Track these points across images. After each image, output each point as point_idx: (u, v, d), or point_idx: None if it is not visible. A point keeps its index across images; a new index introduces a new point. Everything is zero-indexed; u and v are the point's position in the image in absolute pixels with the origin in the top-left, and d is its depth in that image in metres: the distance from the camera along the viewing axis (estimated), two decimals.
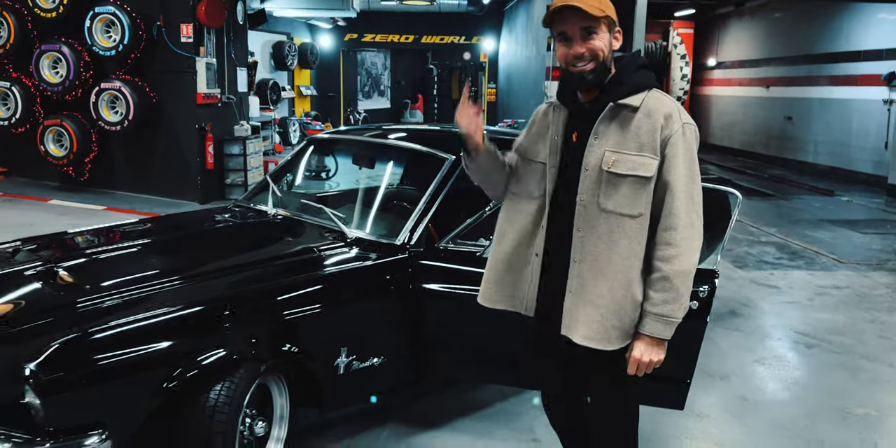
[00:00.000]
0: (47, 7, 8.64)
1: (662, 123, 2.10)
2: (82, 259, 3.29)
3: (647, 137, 2.10)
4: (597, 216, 2.14)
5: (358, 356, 3.04)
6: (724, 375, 4.23)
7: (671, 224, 2.10)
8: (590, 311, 2.15)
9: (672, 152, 2.10)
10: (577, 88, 2.20)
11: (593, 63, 2.12)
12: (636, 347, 2.15)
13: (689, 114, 2.24)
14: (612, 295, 2.14)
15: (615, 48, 2.17)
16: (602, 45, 2.12)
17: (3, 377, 2.38)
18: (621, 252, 2.13)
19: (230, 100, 9.28)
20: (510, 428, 3.51)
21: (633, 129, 2.11)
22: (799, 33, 14.26)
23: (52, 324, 2.57)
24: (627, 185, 2.10)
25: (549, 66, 11.05)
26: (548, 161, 2.24)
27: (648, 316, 2.13)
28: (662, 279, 2.10)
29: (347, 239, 3.40)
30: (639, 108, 2.12)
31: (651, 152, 2.10)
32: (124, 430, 2.45)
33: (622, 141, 2.12)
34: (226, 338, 2.67)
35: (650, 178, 2.10)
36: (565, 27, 2.12)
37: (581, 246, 2.17)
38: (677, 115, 2.12)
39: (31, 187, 9.37)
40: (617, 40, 2.17)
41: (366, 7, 15.87)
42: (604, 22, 2.11)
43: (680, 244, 2.09)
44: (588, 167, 2.15)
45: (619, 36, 2.17)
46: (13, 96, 9.04)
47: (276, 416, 2.91)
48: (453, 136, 2.33)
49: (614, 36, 2.16)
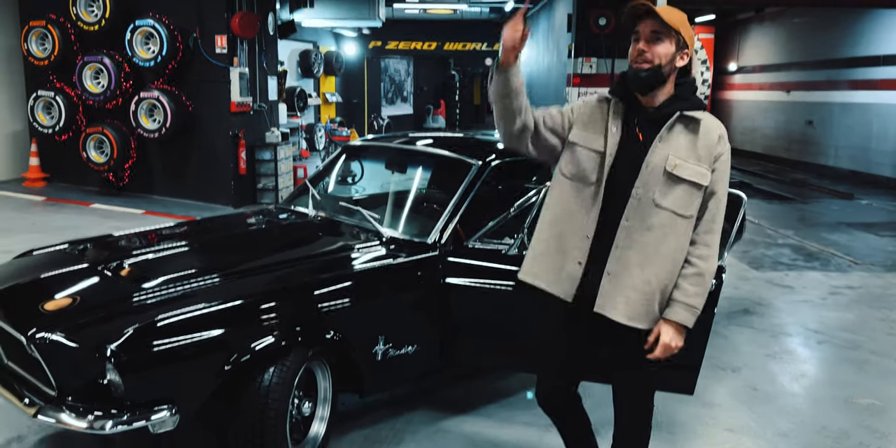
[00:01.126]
0: (90, 21, 9.06)
1: (716, 141, 2.42)
2: (141, 257, 3.60)
3: (705, 151, 2.40)
4: (649, 210, 2.38)
5: (394, 344, 3.33)
6: (736, 368, 4.46)
7: (712, 228, 2.43)
8: (631, 295, 2.40)
9: (721, 167, 2.42)
10: (633, 86, 2.42)
11: (649, 65, 2.36)
12: (665, 332, 2.41)
13: None
14: (657, 282, 2.40)
15: (678, 65, 2.41)
16: (664, 52, 2.35)
17: (85, 359, 2.69)
18: (670, 245, 2.40)
19: (262, 108, 9.64)
20: (532, 414, 3.77)
21: (694, 141, 2.40)
22: (819, 38, 14.39)
23: (123, 312, 2.88)
24: (683, 189, 2.38)
25: (570, 72, 11.29)
26: (606, 151, 2.44)
27: (679, 305, 2.40)
28: (697, 274, 2.41)
29: (382, 238, 3.70)
30: (700, 123, 2.42)
31: (707, 164, 2.40)
32: (190, 406, 2.75)
33: (684, 149, 2.39)
34: (275, 326, 2.96)
35: (704, 187, 2.40)
36: (640, 26, 2.37)
37: (626, 234, 2.41)
38: (726, 137, 2.46)
39: (73, 192, 9.78)
40: (682, 59, 2.41)
41: (390, 15, 16.22)
42: (673, 35, 2.36)
43: (714, 246, 2.43)
44: (650, 165, 2.39)
45: (686, 57, 2.41)
46: (57, 105, 9.47)
47: (320, 397, 3.21)
48: (478, 143, 2.59)
49: (680, 55, 2.40)
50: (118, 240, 4.00)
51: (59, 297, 3.12)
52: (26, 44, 9.49)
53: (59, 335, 2.75)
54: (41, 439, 3.39)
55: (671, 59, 2.37)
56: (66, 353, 2.73)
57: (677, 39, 2.37)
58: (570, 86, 11.29)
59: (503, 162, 3.99)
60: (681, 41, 2.38)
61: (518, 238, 3.43)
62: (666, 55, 2.36)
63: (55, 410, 2.69)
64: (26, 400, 2.81)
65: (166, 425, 2.68)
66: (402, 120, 21.43)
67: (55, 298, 3.11)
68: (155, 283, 3.11)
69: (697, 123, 2.42)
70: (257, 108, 9.55)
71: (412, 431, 3.57)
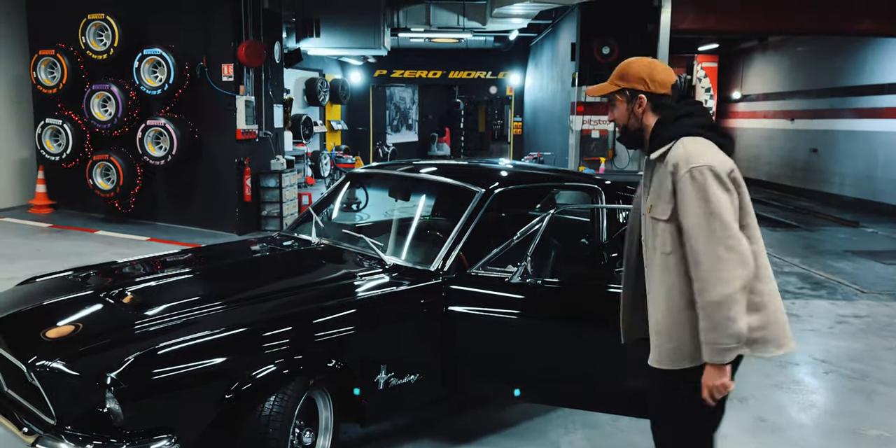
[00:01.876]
0: (99, 49, 9.18)
1: (672, 170, 2.36)
2: (144, 285, 3.60)
3: (667, 184, 2.39)
4: (652, 255, 2.48)
5: (396, 373, 3.31)
6: (743, 398, 4.41)
7: (696, 261, 2.31)
8: (653, 338, 2.48)
9: (681, 197, 2.34)
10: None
11: (618, 128, 2.59)
12: (704, 373, 2.35)
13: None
14: (664, 322, 2.44)
15: (639, 113, 2.50)
16: (619, 114, 2.55)
17: (85, 387, 2.67)
18: (663, 284, 2.43)
19: (267, 135, 9.71)
20: (536, 444, 3.73)
21: (659, 178, 2.43)
22: (822, 67, 14.48)
23: (124, 340, 2.87)
24: (661, 227, 2.42)
25: (574, 101, 11.36)
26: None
27: (702, 344, 2.34)
28: (700, 309, 2.32)
29: (385, 265, 3.69)
30: (663, 158, 2.42)
31: (668, 198, 2.38)
32: (190, 435, 2.73)
33: (656, 189, 2.44)
34: (277, 355, 2.94)
35: (668, 220, 2.38)
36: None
37: (649, 281, 2.50)
38: (684, 162, 2.33)
39: (79, 219, 9.82)
40: (640, 106, 2.49)
41: (395, 44, 16.40)
42: (618, 95, 2.52)
43: (705, 277, 2.29)
44: (645, 213, 2.52)
45: (643, 102, 2.49)
46: (65, 133, 9.55)
47: (321, 427, 3.17)
48: (481, 171, 2.60)
49: (635, 105, 2.50)
50: (121, 267, 4.00)
51: (61, 325, 3.12)
52: (35, 72, 9.60)
53: (59, 363, 2.74)
54: None
55: (628, 114, 2.52)
56: (66, 382, 2.72)
57: (624, 94, 2.52)
58: (574, 114, 11.36)
59: (506, 190, 4.00)
60: (627, 93, 2.51)
61: (521, 266, 3.41)
62: (622, 115, 2.54)
63: (54, 440, 2.67)
64: (25, 429, 2.79)
65: None
66: (407, 147, 21.54)
67: (57, 326, 3.11)
68: (157, 311, 3.11)
69: (662, 160, 2.42)
70: (263, 135, 9.62)
71: None
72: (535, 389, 3.54)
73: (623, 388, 3.39)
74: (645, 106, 2.49)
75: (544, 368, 3.46)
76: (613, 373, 3.40)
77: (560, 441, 3.77)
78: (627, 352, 3.11)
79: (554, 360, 3.44)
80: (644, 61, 2.52)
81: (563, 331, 3.40)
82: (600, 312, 3.42)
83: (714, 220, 2.29)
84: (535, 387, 3.52)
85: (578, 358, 3.41)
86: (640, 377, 3.36)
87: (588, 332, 3.38)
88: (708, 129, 2.45)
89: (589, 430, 3.91)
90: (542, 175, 4.92)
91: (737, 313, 2.27)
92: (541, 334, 3.43)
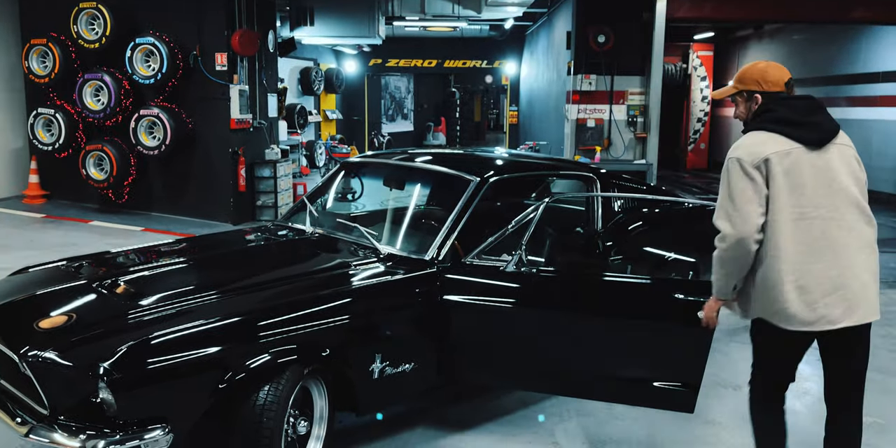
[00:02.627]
0: (91, 38, 9.10)
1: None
2: (137, 274, 3.59)
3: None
4: None
5: (391, 362, 3.30)
6: (737, 386, 4.42)
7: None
8: None
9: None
10: None
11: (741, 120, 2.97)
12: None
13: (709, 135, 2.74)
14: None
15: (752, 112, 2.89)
16: (739, 112, 2.96)
17: (78, 377, 2.66)
18: None
19: (261, 125, 9.66)
20: (532, 432, 3.74)
21: None
22: (818, 55, 14.46)
23: (117, 330, 2.86)
24: None
25: (570, 90, 11.32)
26: None
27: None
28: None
29: (380, 255, 3.68)
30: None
31: None
32: (184, 425, 2.72)
33: None
34: (271, 344, 2.93)
35: None
36: None
37: None
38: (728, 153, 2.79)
39: (73, 209, 9.78)
40: (756, 104, 2.88)
41: (390, 33, 16.31)
42: (738, 96, 2.92)
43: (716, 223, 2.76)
44: None
45: (759, 100, 2.86)
46: (57, 123, 9.49)
47: (316, 416, 3.17)
48: (476, 159, 2.59)
49: (753, 102, 2.88)
50: (115, 257, 3.99)
51: (54, 315, 3.10)
52: (27, 62, 9.53)
53: (51, 353, 2.73)
54: None
55: (748, 109, 2.91)
56: (59, 372, 2.71)
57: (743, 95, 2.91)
58: (570, 103, 11.32)
59: (501, 178, 3.99)
60: (747, 93, 2.90)
61: (516, 255, 3.41)
62: (741, 111, 2.95)
63: (47, 430, 2.66)
64: (18, 419, 2.78)
65: (160, 444, 2.65)
66: (403, 137, 21.48)
67: (50, 316, 3.09)
68: (150, 301, 3.10)
69: None
70: (257, 125, 9.57)
71: None
72: (530, 378, 3.54)
73: (618, 376, 3.40)
74: (757, 104, 2.87)
75: (539, 357, 3.46)
76: (609, 361, 3.40)
77: (555, 429, 3.78)
78: (622, 339, 3.12)
79: (549, 349, 3.44)
80: (758, 64, 2.93)
81: (559, 319, 3.40)
82: (595, 301, 3.43)
83: (728, 202, 2.72)
84: (531, 375, 3.52)
85: (573, 346, 3.41)
86: (637, 365, 3.38)
87: (583, 320, 3.38)
88: (779, 122, 2.76)
89: (584, 417, 3.92)
90: (537, 164, 4.90)
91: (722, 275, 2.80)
92: (536, 323, 3.43)
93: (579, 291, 3.48)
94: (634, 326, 3.33)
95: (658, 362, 3.33)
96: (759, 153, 2.69)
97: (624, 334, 3.35)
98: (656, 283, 3.52)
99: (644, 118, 11.20)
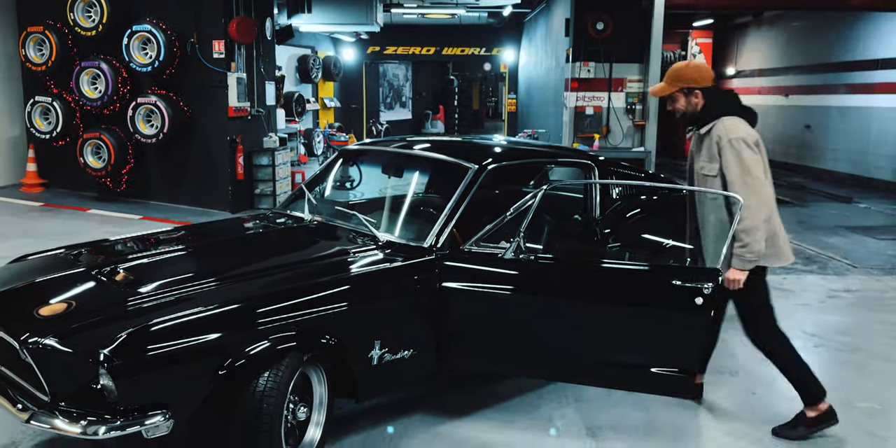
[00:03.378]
0: (87, 26, 9.06)
1: (717, 141, 3.39)
2: (136, 262, 3.59)
3: (713, 151, 3.41)
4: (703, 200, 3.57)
5: (390, 349, 3.32)
6: (734, 371, 4.44)
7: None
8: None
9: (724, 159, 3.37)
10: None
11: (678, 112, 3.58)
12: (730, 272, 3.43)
13: None
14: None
15: (695, 104, 3.48)
16: (679, 105, 3.54)
17: (78, 364, 2.68)
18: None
19: (259, 113, 9.64)
20: (530, 418, 3.76)
21: (707, 146, 3.46)
22: (817, 42, 14.41)
23: (117, 317, 2.87)
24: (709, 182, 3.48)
25: (568, 77, 11.29)
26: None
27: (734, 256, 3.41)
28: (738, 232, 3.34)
29: (379, 242, 3.68)
30: (710, 132, 3.44)
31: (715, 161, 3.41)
32: (184, 411, 2.74)
33: (705, 154, 3.47)
34: (270, 331, 2.95)
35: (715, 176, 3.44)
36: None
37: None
38: (724, 135, 3.36)
39: (71, 198, 9.77)
40: (696, 98, 3.47)
41: (388, 21, 16.24)
42: (678, 93, 3.49)
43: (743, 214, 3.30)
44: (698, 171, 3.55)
45: (699, 94, 3.45)
46: (54, 111, 9.46)
47: (315, 402, 3.19)
48: (475, 147, 2.60)
49: (693, 96, 3.47)
50: (114, 244, 3.99)
51: (54, 302, 3.11)
52: (24, 49, 9.49)
53: (52, 340, 2.74)
54: (35, 445, 3.37)
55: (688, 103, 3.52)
56: (60, 358, 2.72)
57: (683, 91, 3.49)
58: (569, 90, 11.28)
59: (500, 165, 3.99)
60: (685, 90, 3.48)
61: (514, 242, 3.42)
62: (682, 105, 3.53)
63: (48, 416, 2.68)
64: (19, 405, 2.79)
65: (160, 430, 2.67)
66: (401, 125, 21.44)
67: (49, 303, 3.10)
68: (150, 288, 3.10)
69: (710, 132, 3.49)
70: (255, 113, 9.55)
71: (409, 436, 3.55)
72: (528, 364, 3.56)
73: (617, 362, 3.42)
74: (699, 97, 3.45)
75: (537, 343, 3.48)
76: (607, 347, 3.42)
77: (553, 415, 3.80)
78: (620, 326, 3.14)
79: (547, 335, 3.46)
80: (690, 64, 3.50)
81: (557, 306, 3.41)
82: (593, 287, 3.44)
83: (747, 174, 3.33)
84: (529, 361, 3.54)
85: (572, 332, 3.43)
86: (634, 351, 3.40)
87: (581, 306, 3.39)
88: (742, 109, 3.44)
89: (582, 403, 3.95)
90: (535, 151, 4.90)
91: (760, 237, 3.32)
92: (534, 309, 3.45)
93: (577, 278, 3.49)
94: (632, 313, 3.35)
95: (656, 349, 3.35)
96: (752, 134, 3.39)
97: (622, 321, 3.37)
98: (654, 270, 3.53)
99: (643, 106, 11.18)
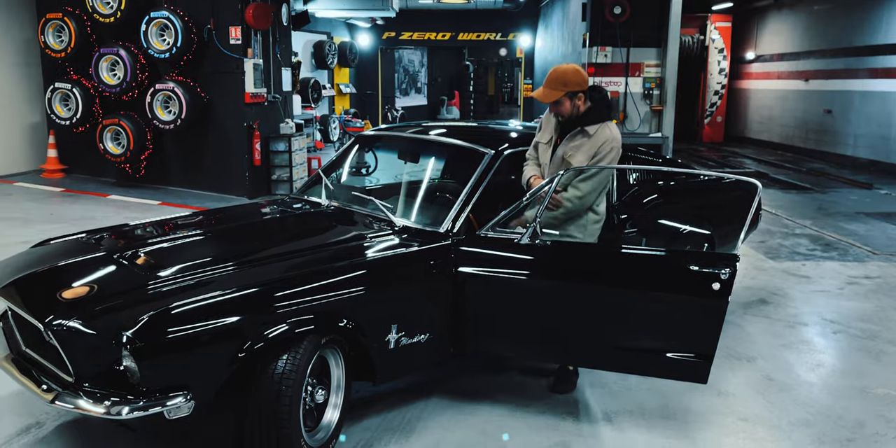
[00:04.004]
0: (106, 13, 9.10)
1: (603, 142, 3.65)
2: (156, 246, 3.63)
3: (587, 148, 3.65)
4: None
5: (407, 332, 3.35)
6: (751, 358, 4.44)
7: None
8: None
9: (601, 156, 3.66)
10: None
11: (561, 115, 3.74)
12: None
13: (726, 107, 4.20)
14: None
15: (578, 106, 3.68)
16: (564, 109, 3.69)
17: (102, 346, 2.72)
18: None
19: (276, 99, 9.66)
20: (545, 403, 3.79)
21: (582, 141, 3.67)
22: (838, 26, 14.21)
23: (139, 300, 2.91)
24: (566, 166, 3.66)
25: (585, 62, 11.21)
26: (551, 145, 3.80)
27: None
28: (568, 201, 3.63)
29: (395, 227, 3.70)
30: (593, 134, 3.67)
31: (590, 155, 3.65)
32: (205, 393, 2.78)
33: (576, 146, 3.67)
34: (289, 314, 2.98)
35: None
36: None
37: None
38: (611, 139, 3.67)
39: (91, 183, 9.86)
40: (580, 101, 3.67)
41: (404, 6, 16.18)
42: (565, 97, 3.64)
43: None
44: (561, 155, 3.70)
45: (583, 97, 3.67)
46: (74, 97, 9.53)
47: (333, 385, 3.23)
48: (491, 132, 2.60)
49: (577, 99, 3.67)
50: (134, 229, 4.04)
51: (76, 285, 3.16)
52: (43, 36, 9.55)
53: (76, 322, 2.79)
54: (60, 425, 3.44)
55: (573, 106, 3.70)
56: (83, 340, 2.77)
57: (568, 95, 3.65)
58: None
59: (516, 151, 3.99)
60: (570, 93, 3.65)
61: (530, 227, 3.42)
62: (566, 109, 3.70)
63: (72, 396, 2.73)
64: (44, 386, 2.85)
65: (182, 411, 2.71)
66: (417, 111, 21.39)
67: (72, 286, 3.15)
68: (170, 272, 3.14)
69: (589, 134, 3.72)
70: (272, 99, 9.57)
71: (425, 419, 3.58)
72: (543, 348, 3.58)
73: (632, 347, 3.42)
74: (583, 100, 3.68)
75: (553, 328, 3.49)
76: (622, 331, 3.43)
77: (568, 399, 3.82)
78: (636, 311, 3.14)
79: (563, 320, 3.47)
80: (571, 69, 3.66)
81: (572, 291, 3.42)
82: (609, 272, 3.44)
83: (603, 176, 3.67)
84: (544, 346, 3.56)
85: (587, 317, 3.44)
86: (651, 336, 3.40)
87: (597, 291, 3.40)
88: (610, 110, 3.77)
89: (596, 389, 3.96)
90: None
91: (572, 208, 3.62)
92: (550, 294, 3.46)
93: (594, 264, 3.50)
94: (649, 298, 3.35)
95: (672, 334, 3.35)
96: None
97: (638, 306, 3.37)
98: (671, 255, 3.53)
99: (660, 91, 11.10)
